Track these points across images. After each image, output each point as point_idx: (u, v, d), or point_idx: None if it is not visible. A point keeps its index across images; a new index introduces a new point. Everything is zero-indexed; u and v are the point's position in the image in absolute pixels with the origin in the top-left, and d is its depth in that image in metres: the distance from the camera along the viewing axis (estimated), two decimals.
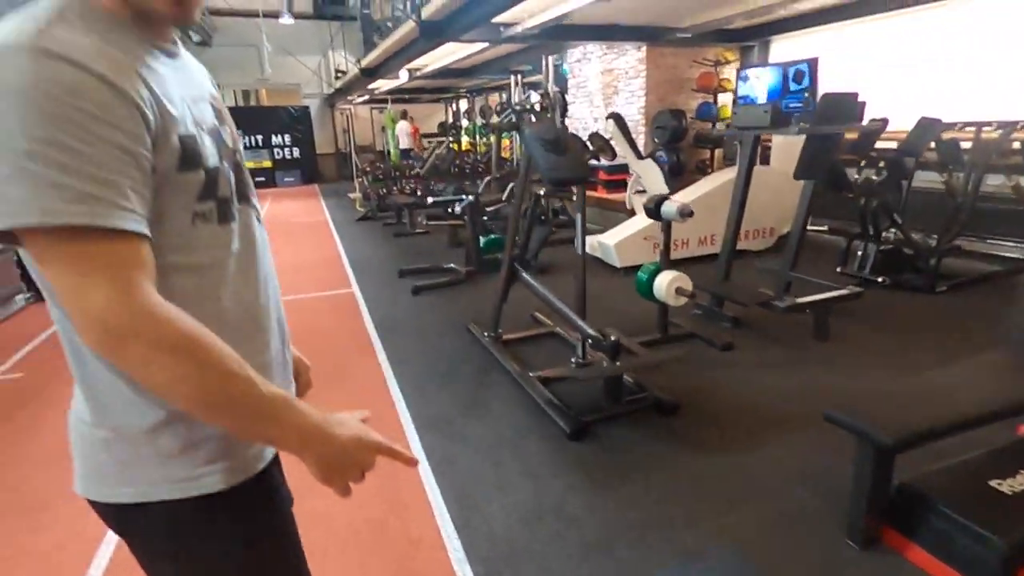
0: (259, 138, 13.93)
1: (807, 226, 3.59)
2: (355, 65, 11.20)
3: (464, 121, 14.50)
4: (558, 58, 8.53)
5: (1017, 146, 4.11)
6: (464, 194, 5.31)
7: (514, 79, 9.87)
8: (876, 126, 3.36)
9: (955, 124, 4.25)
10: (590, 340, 2.60)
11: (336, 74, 13.81)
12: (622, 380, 2.59)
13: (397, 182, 8.98)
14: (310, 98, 14.72)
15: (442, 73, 8.68)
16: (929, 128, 3.88)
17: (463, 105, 14.57)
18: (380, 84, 10.28)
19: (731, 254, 3.59)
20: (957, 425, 1.62)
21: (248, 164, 0.84)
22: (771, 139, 5.60)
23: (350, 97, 13.29)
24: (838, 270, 4.42)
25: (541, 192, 3.20)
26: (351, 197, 10.61)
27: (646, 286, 3.21)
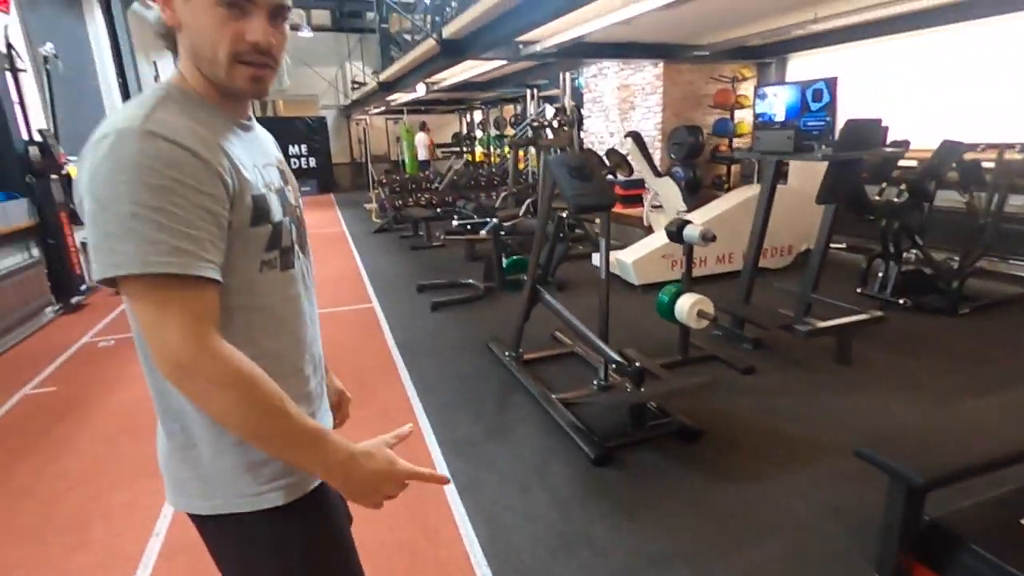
0: None
1: (828, 248, 3.59)
2: (372, 77, 11.35)
3: (478, 132, 14.61)
4: (574, 73, 8.59)
5: None
6: (487, 214, 5.37)
7: (530, 93, 9.96)
8: (897, 153, 3.36)
9: (977, 145, 4.23)
10: (614, 365, 2.62)
11: (352, 85, 13.99)
12: (646, 405, 2.60)
13: (413, 194, 9.07)
14: (326, 109, 14.91)
15: (459, 86, 8.78)
16: (951, 151, 3.88)
17: (477, 116, 14.68)
18: (397, 96, 10.40)
19: (753, 277, 3.59)
20: (992, 464, 1.62)
21: None
22: None
23: (366, 108, 13.45)
24: (858, 290, 4.41)
25: (563, 214, 3.23)
26: (367, 208, 10.72)
27: (667, 308, 3.23)
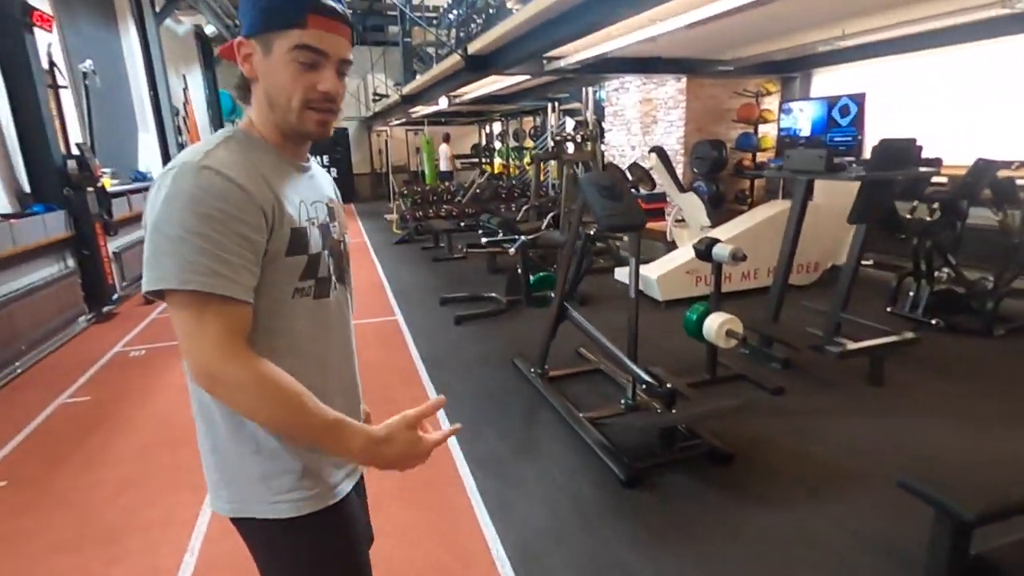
0: None
1: (859, 268, 3.54)
2: (394, 90, 11.51)
3: (497, 143, 14.71)
4: (596, 87, 8.62)
5: None
6: (510, 228, 5.39)
7: (551, 106, 10.02)
8: (930, 173, 3.31)
9: (1011, 163, 4.16)
10: (644, 385, 2.61)
11: (374, 96, 14.19)
12: (676, 427, 2.58)
13: (434, 205, 9.14)
14: (348, 120, 15.13)
15: (480, 99, 8.86)
16: (985, 170, 3.81)
17: (496, 128, 14.78)
18: (418, 108, 10.52)
19: (781, 295, 3.55)
20: None
21: None
22: None
23: (388, 120, 13.62)
24: (888, 309, 4.34)
25: (591, 232, 3.23)
26: (387, 219, 10.82)
27: (695, 327, 3.20)
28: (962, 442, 2.65)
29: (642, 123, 7.41)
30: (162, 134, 7.81)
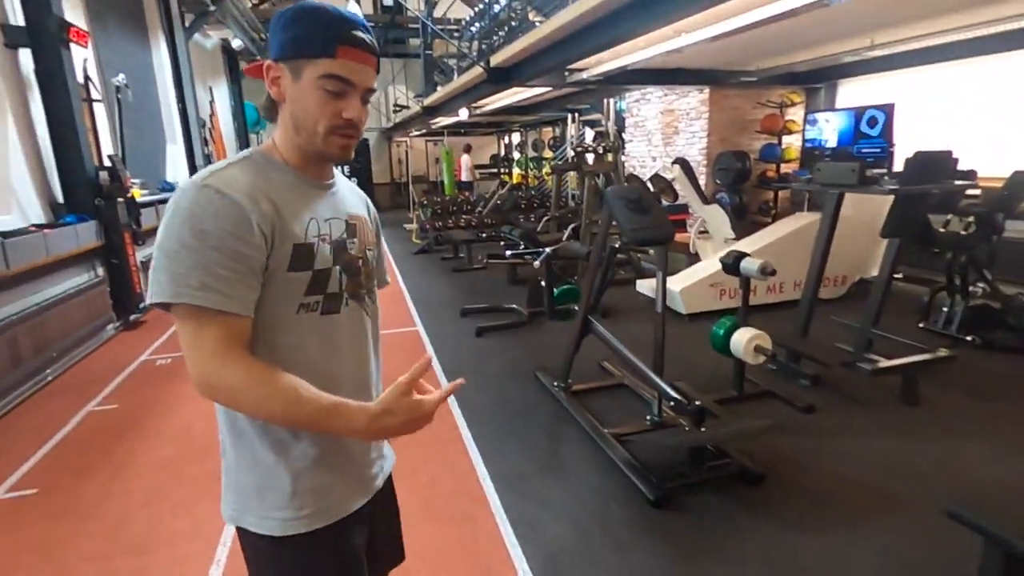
0: None
1: (891, 282, 3.46)
2: (415, 101, 11.62)
3: (516, 154, 14.76)
4: (617, 98, 8.61)
5: None
6: (531, 239, 5.39)
7: (571, 117, 10.03)
8: (966, 185, 3.23)
9: None
10: (671, 402, 2.56)
11: (394, 107, 14.35)
12: (705, 446, 2.53)
13: (454, 216, 9.18)
14: (369, 131, 15.31)
15: (500, 110, 8.91)
16: (1022, 183, 3.71)
17: (515, 138, 14.84)
18: (439, 119, 10.62)
19: (811, 310, 3.48)
20: None
21: None
22: None
23: (408, 130, 13.75)
24: (920, 325, 4.23)
25: (616, 245, 3.20)
26: (406, 228, 10.90)
27: (722, 342, 3.15)
28: (1002, 466, 2.56)
29: (663, 134, 7.37)
30: (189, 145, 7.98)
